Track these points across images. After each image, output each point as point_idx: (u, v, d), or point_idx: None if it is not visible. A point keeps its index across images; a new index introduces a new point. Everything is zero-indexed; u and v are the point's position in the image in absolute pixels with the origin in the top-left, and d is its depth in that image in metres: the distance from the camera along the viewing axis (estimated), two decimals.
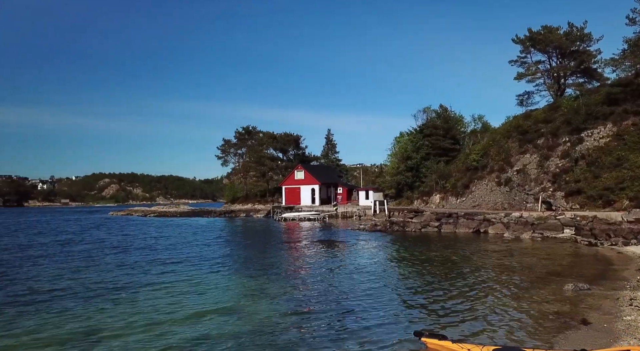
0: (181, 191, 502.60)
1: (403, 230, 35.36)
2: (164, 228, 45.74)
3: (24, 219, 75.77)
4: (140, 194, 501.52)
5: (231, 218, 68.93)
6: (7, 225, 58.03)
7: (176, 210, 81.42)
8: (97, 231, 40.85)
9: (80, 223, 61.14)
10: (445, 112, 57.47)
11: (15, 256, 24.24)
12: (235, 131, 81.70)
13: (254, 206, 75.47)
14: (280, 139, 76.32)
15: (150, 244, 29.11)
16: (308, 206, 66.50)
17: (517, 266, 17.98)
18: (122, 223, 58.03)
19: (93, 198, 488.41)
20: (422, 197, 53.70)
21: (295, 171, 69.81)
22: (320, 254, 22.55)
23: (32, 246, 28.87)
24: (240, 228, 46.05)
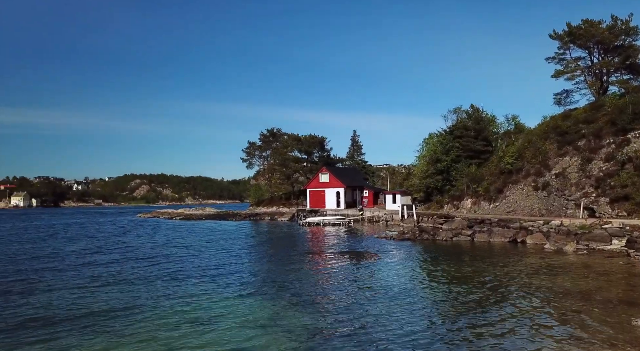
0: (209, 191, 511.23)
1: (433, 239, 33.43)
2: (188, 234, 45.23)
3: (58, 222, 77.43)
4: (169, 194, 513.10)
5: (256, 221, 68.27)
6: (42, 228, 59.08)
7: (202, 213, 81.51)
8: (125, 238, 40.36)
9: (110, 227, 61.58)
10: (477, 112, 54.93)
11: (44, 266, 23.88)
12: (260, 134, 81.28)
13: (278, 209, 74.65)
14: (304, 141, 75.21)
15: (171, 254, 28.35)
16: (333, 210, 65.07)
17: (566, 288, 15.99)
18: (148, 227, 58.07)
19: (125, 198, 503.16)
20: (453, 201, 51.40)
21: (319, 174, 68.52)
22: (344, 270, 21.07)
23: (60, 256, 28.59)
24: (264, 234, 45.06)
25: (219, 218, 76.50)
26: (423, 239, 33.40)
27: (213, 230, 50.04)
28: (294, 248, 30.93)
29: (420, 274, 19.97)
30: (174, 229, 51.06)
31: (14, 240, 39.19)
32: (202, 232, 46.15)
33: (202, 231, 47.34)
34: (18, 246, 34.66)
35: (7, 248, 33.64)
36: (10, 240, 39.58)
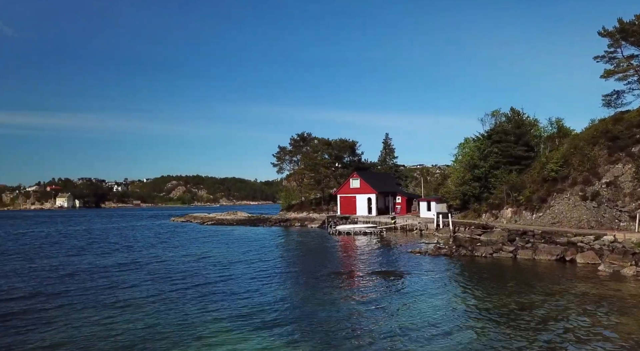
0: (243, 192, 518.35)
1: (471, 255, 31.21)
2: (219, 245, 44.67)
3: (97, 227, 79.29)
4: (204, 195, 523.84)
5: (286, 227, 67.42)
6: (81, 235, 60.32)
7: (233, 218, 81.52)
8: (159, 250, 39.88)
9: (145, 233, 62.17)
10: (517, 116, 51.82)
11: (75, 286, 23.61)
12: (290, 138, 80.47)
13: (308, 215, 73.57)
14: (335, 146, 73.77)
15: (202, 273, 27.60)
16: (364, 217, 63.30)
17: (635, 333, 13.81)
18: (181, 235, 58.09)
19: (162, 199, 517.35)
20: (492, 210, 48.66)
21: (350, 180, 66.90)
22: (378, 300, 19.42)
23: (94, 273, 28.43)
24: (294, 246, 43.89)
25: (250, 223, 76.17)
26: (460, 255, 31.24)
27: (244, 239, 49.35)
28: (324, 265, 29.48)
29: (459, 306, 18.08)
30: (206, 238, 50.53)
31: (54, 252, 39.62)
32: (232, 243, 45.32)
33: (233, 241, 46.55)
34: (54, 259, 34.87)
35: (45, 260, 33.93)
36: (50, 251, 40.08)
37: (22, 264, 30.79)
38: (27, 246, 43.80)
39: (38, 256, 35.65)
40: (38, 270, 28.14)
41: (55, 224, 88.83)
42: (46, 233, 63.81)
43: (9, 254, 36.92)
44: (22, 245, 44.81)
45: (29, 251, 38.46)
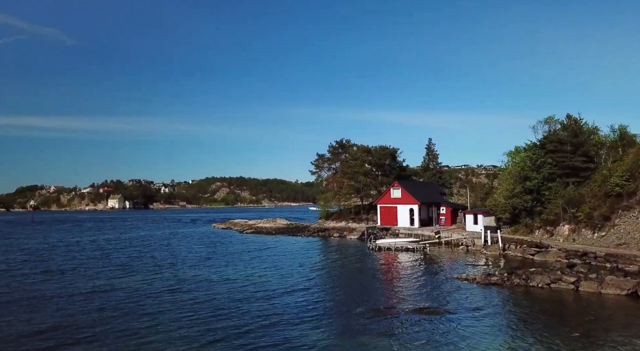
0: (284, 194, 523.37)
1: (525, 285, 28.16)
2: (258, 262, 43.72)
3: (144, 234, 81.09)
4: (247, 197, 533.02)
5: (325, 237, 65.81)
6: (125, 246, 61.41)
7: (272, 226, 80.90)
8: (201, 270, 39.03)
9: (190, 243, 62.48)
10: (575, 123, 47.45)
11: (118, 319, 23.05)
12: (328, 145, 78.87)
13: (347, 224, 71.58)
14: (375, 153, 71.35)
15: (238, 303, 26.45)
16: (406, 228, 60.58)
17: None
18: (223, 247, 57.74)
19: (206, 200, 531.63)
20: (546, 226, 44.80)
21: (391, 189, 64.33)
22: (419, 344, 17.37)
23: (137, 301, 27.96)
24: (331, 264, 42.08)
25: (289, 232, 75.19)
26: (513, 285, 28.26)
27: (282, 253, 48.21)
28: (362, 295, 27.41)
29: None
30: (247, 253, 49.39)
31: (99, 270, 39.82)
32: (271, 258, 44.12)
33: (272, 256, 45.34)
34: (97, 281, 34.91)
35: (88, 282, 33.99)
36: (96, 269, 40.35)
37: (61, 287, 30.70)
38: (75, 261, 43.64)
39: (82, 275, 35.50)
40: (76, 295, 27.87)
41: (104, 231, 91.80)
42: (95, 243, 65.41)
43: (53, 272, 37.30)
44: (70, 259, 44.98)
45: (74, 269, 38.00)
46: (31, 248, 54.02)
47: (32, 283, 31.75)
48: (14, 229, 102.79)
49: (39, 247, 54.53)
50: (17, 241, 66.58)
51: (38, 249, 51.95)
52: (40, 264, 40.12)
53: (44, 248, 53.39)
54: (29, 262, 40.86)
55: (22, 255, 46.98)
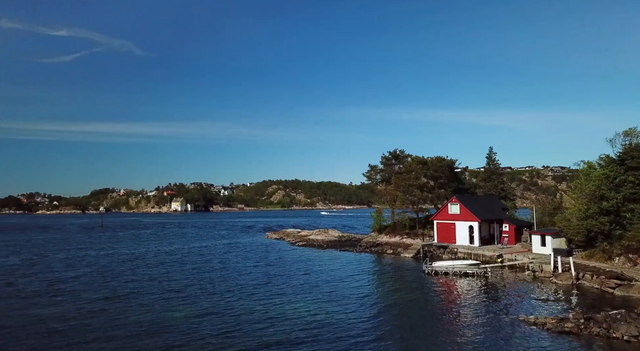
0: (338, 196, 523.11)
1: (607, 335, 24.32)
2: (306, 284, 42.43)
3: (198, 247, 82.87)
4: (302, 199, 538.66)
5: (378, 254, 63.29)
6: (179, 262, 62.59)
7: (323, 238, 79.55)
8: (259, 295, 38.58)
9: (242, 261, 62.59)
10: None
11: None
12: (381, 156, 76.18)
13: (402, 240, 68.49)
14: (431, 165, 67.74)
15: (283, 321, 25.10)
16: (465, 247, 56.67)
17: None
18: (276, 262, 57.22)
19: (263, 203, 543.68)
20: (628, 254, 39.56)
21: (449, 204, 60.56)
22: None
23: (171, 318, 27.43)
24: (382, 289, 39.76)
25: (340, 246, 73.44)
26: (592, 334, 24.53)
27: (332, 275, 46.56)
28: (411, 339, 25.09)
29: None
30: (298, 273, 48.22)
31: (155, 293, 40.23)
32: (321, 282, 42.34)
33: (322, 280, 43.59)
34: (147, 315, 35.09)
35: (132, 316, 34.25)
36: (152, 292, 40.84)
37: (113, 317, 30.79)
38: (133, 283, 42.13)
39: (136, 304, 35.13)
40: (126, 328, 27.78)
41: (165, 241, 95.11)
42: (156, 258, 67.33)
43: (109, 299, 37.84)
44: (129, 280, 44.15)
45: (130, 295, 36.54)
46: (97, 262, 55.86)
47: (87, 311, 32.25)
48: (84, 237, 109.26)
49: (102, 262, 56.52)
50: (84, 252, 70.03)
51: (101, 265, 53.62)
52: (100, 285, 40.68)
53: (108, 263, 55.08)
54: (90, 283, 41.49)
55: (87, 272, 48.58)
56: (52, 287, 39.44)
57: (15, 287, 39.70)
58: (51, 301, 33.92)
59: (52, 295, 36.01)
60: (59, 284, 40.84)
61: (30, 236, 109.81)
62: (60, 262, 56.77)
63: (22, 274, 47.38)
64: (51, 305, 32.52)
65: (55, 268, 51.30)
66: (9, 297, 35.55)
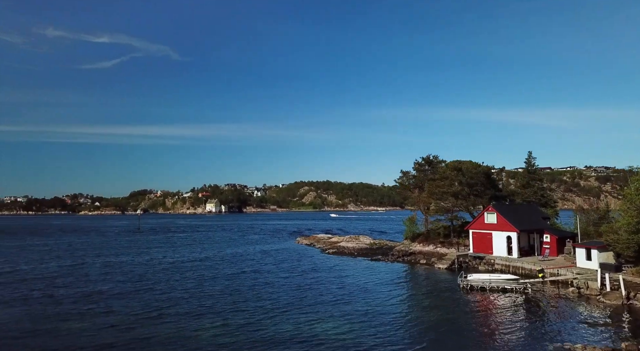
0: (370, 198, 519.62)
1: None
2: (338, 300, 41.63)
3: (229, 253, 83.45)
4: (333, 201, 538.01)
5: (410, 264, 61.62)
6: (209, 271, 63.07)
7: (354, 246, 78.42)
8: (292, 314, 38.35)
9: (274, 265, 62.58)
10: None
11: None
12: (414, 162, 74.27)
13: (435, 249, 66.49)
14: (466, 172, 65.34)
15: None
16: (503, 258, 54.28)
17: None
18: (307, 273, 56.74)
19: (295, 204, 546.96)
20: None
21: (485, 214, 58.20)
22: None
23: None
24: (414, 305, 38.40)
25: (371, 254, 72.14)
26: None
27: (363, 288, 45.54)
28: None
29: None
30: (328, 284, 47.52)
31: (186, 308, 40.23)
32: (351, 295, 41.45)
33: (352, 293, 42.68)
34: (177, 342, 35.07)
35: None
36: (184, 308, 40.90)
37: (132, 340, 31.02)
38: (164, 298, 41.76)
39: (159, 324, 35.98)
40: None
41: (199, 246, 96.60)
42: (190, 268, 68.13)
43: (138, 316, 38.36)
44: (161, 292, 44.25)
45: (162, 313, 35.92)
46: (132, 271, 56.57)
47: (116, 329, 32.56)
48: (121, 241, 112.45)
49: (138, 271, 57.24)
50: (121, 258, 71.80)
51: (136, 275, 54.11)
52: (134, 298, 40.98)
53: (143, 273, 55.46)
54: (124, 296, 41.65)
55: (122, 283, 49.23)
56: (87, 299, 40.22)
57: (53, 298, 40.75)
58: (85, 316, 34.37)
59: (86, 309, 36.55)
60: (95, 295, 41.61)
61: (72, 239, 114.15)
62: (98, 270, 58.20)
63: (62, 283, 48.75)
64: (84, 320, 32.96)
65: (92, 277, 52.58)
66: (45, 309, 36.43)
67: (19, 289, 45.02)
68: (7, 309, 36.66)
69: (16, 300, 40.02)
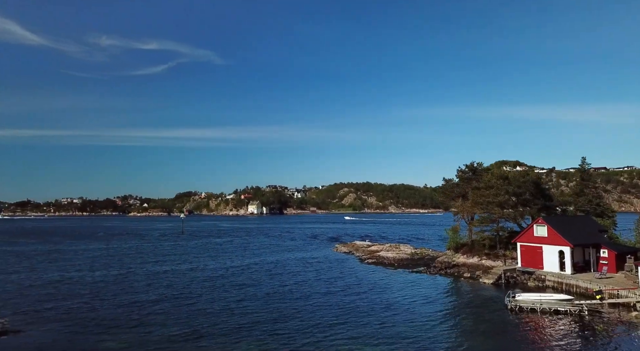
0: (412, 200, 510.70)
1: None
2: (382, 309, 40.33)
3: (270, 261, 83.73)
4: (374, 202, 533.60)
5: (453, 277, 59.12)
6: (248, 282, 63.14)
7: (394, 256, 76.42)
8: (331, 330, 37.50)
9: (314, 276, 62.00)
10: None
11: None
12: (457, 170, 71.34)
13: (480, 261, 63.47)
14: (513, 180, 61.99)
15: None
16: (555, 275, 50.92)
17: None
18: (346, 283, 55.73)
19: (335, 205, 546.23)
20: None
21: (534, 226, 54.87)
22: None
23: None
24: (462, 325, 36.41)
25: (412, 265, 70.03)
26: None
27: (404, 304, 43.95)
28: None
29: None
30: (370, 302, 46.01)
31: (228, 329, 39.94)
32: (396, 318, 39.78)
33: (397, 312, 41.13)
34: None
35: None
36: (223, 320, 40.73)
37: None
38: (206, 310, 43.60)
39: (198, 348, 35.99)
40: None
41: (235, 254, 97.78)
42: (227, 279, 68.69)
43: (175, 337, 38.78)
44: (200, 310, 45.80)
45: (197, 331, 36.66)
46: (176, 283, 56.58)
47: (154, 348, 32.77)
48: (167, 247, 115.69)
49: (181, 283, 57.10)
50: (165, 267, 73.39)
51: (180, 286, 54.10)
52: (176, 314, 41.09)
53: (186, 284, 54.97)
54: (167, 312, 41.22)
55: (165, 296, 49.77)
56: (131, 314, 40.78)
57: (97, 312, 41.72)
58: (126, 335, 34.76)
59: (129, 326, 36.97)
60: (138, 311, 42.00)
61: (120, 244, 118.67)
62: (143, 280, 59.45)
63: (109, 293, 50.12)
64: (125, 340, 33.35)
65: (137, 288, 53.72)
66: (88, 325, 37.31)
67: (67, 300, 46.64)
68: (49, 323, 37.79)
69: (60, 313, 41.30)
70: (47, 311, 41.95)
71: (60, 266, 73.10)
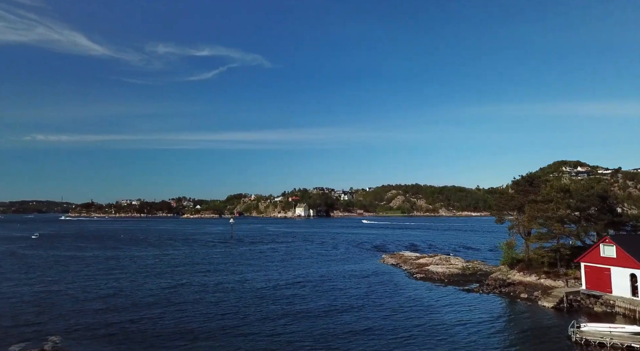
0: (463, 202, 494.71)
1: None
2: (435, 340, 38.34)
3: (315, 273, 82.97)
4: (423, 205, 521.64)
5: (508, 297, 55.53)
6: (287, 302, 62.61)
7: (444, 271, 73.15)
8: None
9: (363, 292, 60.69)
10: None
11: None
12: (512, 181, 67.20)
13: (539, 280, 59.31)
14: (575, 194, 57.38)
15: None
16: (626, 301, 46.40)
17: None
18: (398, 304, 53.89)
19: (382, 208, 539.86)
20: None
21: (601, 245, 50.34)
22: None
23: None
24: None
25: (463, 281, 66.77)
26: None
27: (455, 327, 41.56)
28: None
29: None
30: (420, 328, 44.10)
31: None
32: (443, 340, 37.93)
33: (453, 341, 39.14)
34: None
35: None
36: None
37: None
38: (258, 335, 45.01)
39: None
40: None
41: (284, 265, 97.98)
42: (276, 295, 68.37)
43: None
44: (250, 336, 46.17)
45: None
46: (226, 299, 55.94)
47: None
48: (217, 255, 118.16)
49: (231, 300, 56.65)
50: (215, 278, 74.42)
51: (230, 304, 53.72)
52: (219, 339, 41.93)
53: (235, 301, 54.59)
54: (215, 337, 41.42)
55: (214, 315, 49.98)
56: (181, 337, 41.26)
57: (144, 334, 41.94)
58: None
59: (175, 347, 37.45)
60: (188, 334, 42.22)
61: (172, 251, 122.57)
62: (191, 295, 59.89)
63: (158, 310, 50.97)
64: None
65: (186, 306, 54.04)
66: (136, 349, 37.96)
67: (119, 316, 47.95)
68: (99, 342, 38.80)
69: (112, 331, 42.34)
70: (98, 328, 43.12)
71: (115, 277, 75.99)
